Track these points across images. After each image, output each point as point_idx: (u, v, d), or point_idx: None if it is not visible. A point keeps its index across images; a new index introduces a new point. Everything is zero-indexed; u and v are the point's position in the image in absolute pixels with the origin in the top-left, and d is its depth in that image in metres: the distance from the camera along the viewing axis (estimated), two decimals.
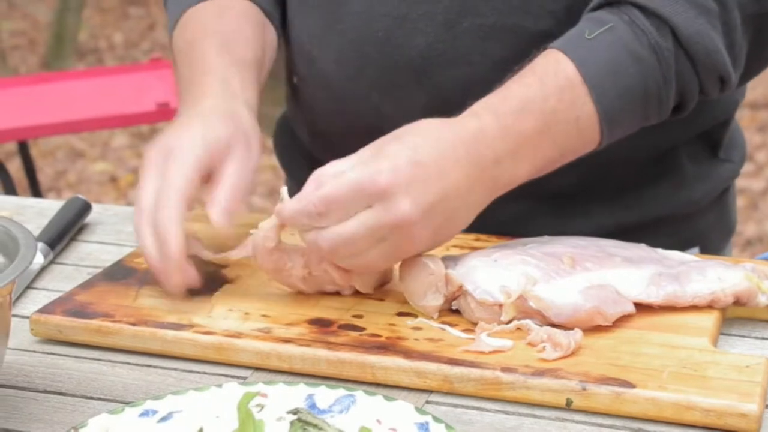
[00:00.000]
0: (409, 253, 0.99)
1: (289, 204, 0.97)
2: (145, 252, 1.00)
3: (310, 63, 1.21)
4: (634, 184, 1.19)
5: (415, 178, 0.95)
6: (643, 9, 1.02)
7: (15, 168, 3.90)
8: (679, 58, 1.02)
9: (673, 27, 1.01)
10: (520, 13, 1.09)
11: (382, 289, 1.04)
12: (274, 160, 1.47)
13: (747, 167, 1.27)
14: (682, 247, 1.21)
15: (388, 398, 0.85)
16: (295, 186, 1.10)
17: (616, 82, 1.01)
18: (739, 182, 1.28)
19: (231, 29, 1.17)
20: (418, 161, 0.96)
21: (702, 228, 1.25)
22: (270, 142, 1.40)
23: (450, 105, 1.05)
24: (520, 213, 1.17)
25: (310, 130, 1.28)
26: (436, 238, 0.99)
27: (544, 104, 1.00)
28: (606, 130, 1.02)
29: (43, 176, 4.30)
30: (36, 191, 3.25)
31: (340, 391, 0.87)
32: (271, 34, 1.23)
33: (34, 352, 0.99)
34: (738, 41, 1.04)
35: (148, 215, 1.00)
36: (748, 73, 1.09)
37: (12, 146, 4.03)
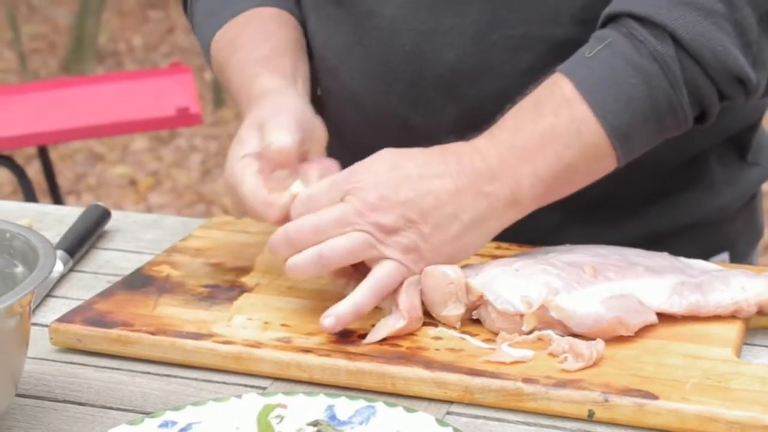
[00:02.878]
0: (382, 250, 0.98)
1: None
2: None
3: (335, 77, 1.21)
4: (663, 191, 1.18)
5: (389, 176, 0.98)
6: (640, 19, 1.01)
7: (34, 171, 3.91)
8: (685, 63, 1.01)
9: (671, 33, 1.00)
10: (548, 23, 1.08)
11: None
12: None
13: None
14: (711, 253, 1.20)
15: (408, 409, 0.85)
16: None
17: (619, 94, 1.00)
18: (764, 185, 1.28)
19: (270, 51, 1.17)
20: (396, 164, 0.99)
21: (731, 233, 1.24)
22: None
23: (480, 117, 1.05)
24: (550, 224, 1.16)
25: (335, 141, 1.27)
26: (428, 248, 0.98)
27: (540, 120, 1.01)
28: (619, 143, 1.01)
29: (63, 179, 4.32)
30: (55, 195, 3.26)
31: (361, 403, 0.86)
32: (302, 34, 1.24)
33: (54, 361, 0.99)
34: (755, 40, 1.02)
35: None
36: None
37: (32, 149, 4.04)
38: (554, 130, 1.00)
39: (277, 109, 1.06)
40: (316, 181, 1.03)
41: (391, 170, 0.99)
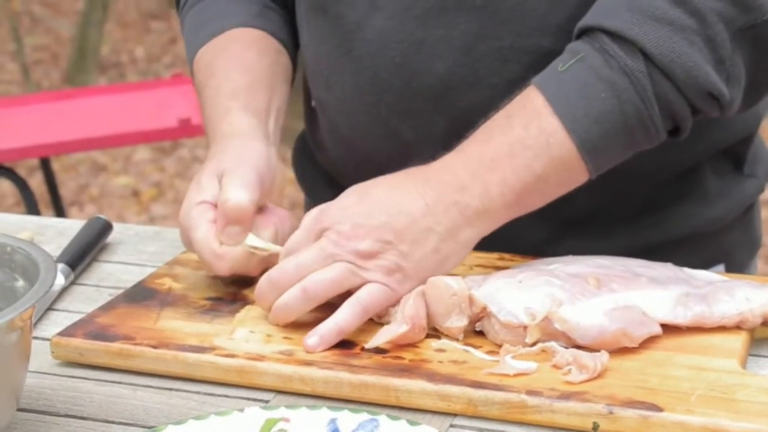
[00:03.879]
0: (364, 276, 0.99)
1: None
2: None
3: (327, 88, 1.21)
4: (658, 203, 1.18)
5: (359, 207, 1.00)
6: (611, 34, 1.01)
7: (37, 182, 3.91)
8: (656, 78, 1.00)
9: (641, 48, 1.00)
10: (537, 33, 1.08)
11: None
12: None
13: None
14: (707, 264, 1.20)
15: (411, 422, 0.84)
16: (313, 205, 1.10)
17: (588, 108, 1.00)
18: (763, 193, 1.27)
19: (246, 82, 1.18)
20: (364, 195, 1.01)
21: (727, 245, 1.24)
22: (290, 156, 1.40)
23: (470, 128, 1.05)
24: (543, 237, 1.15)
25: (328, 152, 1.27)
26: (410, 266, 0.99)
27: (509, 132, 1.01)
28: (588, 156, 1.01)
29: (66, 190, 4.32)
30: (58, 206, 3.26)
31: (363, 416, 0.86)
32: (285, 58, 1.24)
33: (55, 375, 0.99)
34: (727, 56, 1.01)
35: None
36: (763, 87, 1.07)
37: (34, 161, 4.05)
38: (523, 142, 1.01)
39: (240, 161, 1.08)
40: (269, 233, 1.07)
41: (360, 201, 1.01)
